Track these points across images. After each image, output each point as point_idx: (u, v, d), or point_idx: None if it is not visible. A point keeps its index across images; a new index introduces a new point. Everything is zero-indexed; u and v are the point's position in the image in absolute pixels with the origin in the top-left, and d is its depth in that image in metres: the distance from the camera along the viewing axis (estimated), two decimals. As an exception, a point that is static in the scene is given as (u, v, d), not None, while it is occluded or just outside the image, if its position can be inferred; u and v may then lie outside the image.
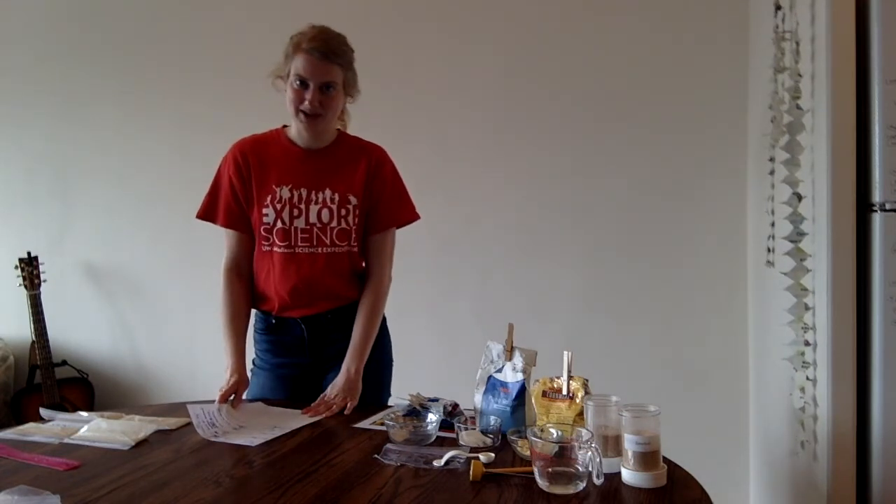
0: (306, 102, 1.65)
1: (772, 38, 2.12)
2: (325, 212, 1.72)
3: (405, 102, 2.82)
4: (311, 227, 1.72)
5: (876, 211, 1.72)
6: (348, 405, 1.67)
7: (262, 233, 1.74)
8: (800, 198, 1.93)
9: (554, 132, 2.71)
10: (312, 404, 1.68)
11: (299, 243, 1.72)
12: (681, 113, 2.59)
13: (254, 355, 1.88)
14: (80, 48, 3.25)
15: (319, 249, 1.73)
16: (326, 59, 1.64)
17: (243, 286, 1.80)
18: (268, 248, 1.74)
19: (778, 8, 2.08)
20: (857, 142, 1.74)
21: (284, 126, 1.81)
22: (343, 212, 1.73)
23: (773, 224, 2.13)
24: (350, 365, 1.72)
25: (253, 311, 1.85)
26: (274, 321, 1.80)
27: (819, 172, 1.79)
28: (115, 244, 3.23)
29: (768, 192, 2.17)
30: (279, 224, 1.71)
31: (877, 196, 1.72)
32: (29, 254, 3.10)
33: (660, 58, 2.60)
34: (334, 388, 1.71)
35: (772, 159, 2.14)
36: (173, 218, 3.12)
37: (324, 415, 1.63)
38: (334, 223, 1.72)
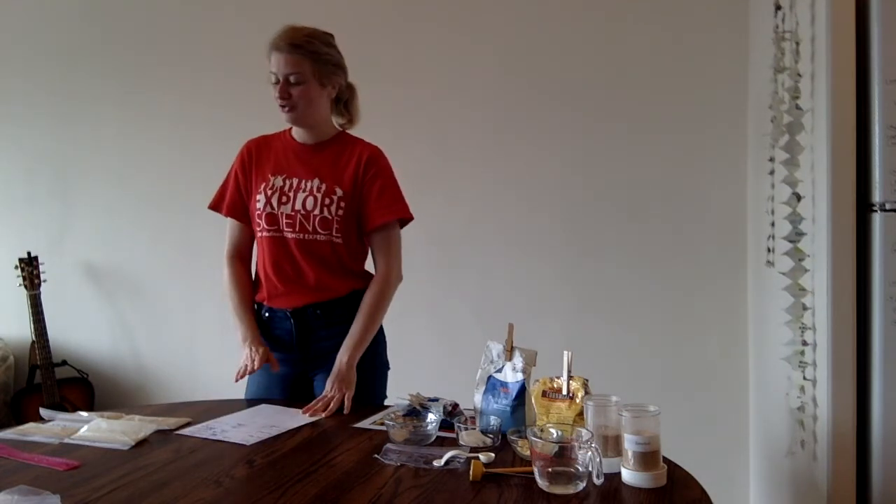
0: (277, 96, 1.75)
1: (772, 38, 2.12)
2: (309, 200, 1.78)
3: (405, 102, 2.82)
4: (296, 213, 1.78)
5: (876, 211, 1.72)
6: (346, 400, 1.68)
7: (256, 219, 1.83)
8: (799, 198, 1.93)
9: (554, 132, 2.71)
10: (311, 403, 1.69)
11: (284, 228, 1.79)
12: (681, 113, 2.59)
13: None
14: (81, 48, 3.24)
15: (302, 235, 1.79)
16: (291, 51, 1.71)
17: (246, 270, 1.91)
18: (261, 234, 1.83)
19: (778, 8, 2.08)
20: (857, 142, 1.74)
21: (290, 128, 1.88)
22: (327, 201, 1.78)
23: (772, 224, 2.13)
24: (342, 356, 1.75)
25: None
26: (266, 314, 1.85)
27: (819, 172, 1.79)
28: (115, 244, 3.23)
29: (768, 192, 2.17)
30: (268, 209, 1.79)
31: (877, 196, 1.72)
32: (29, 254, 3.10)
33: (660, 57, 2.60)
34: (328, 382, 1.73)
35: (772, 159, 2.14)
36: (173, 218, 3.12)
37: (323, 414, 1.64)
38: (317, 211, 1.78)
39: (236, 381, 1.74)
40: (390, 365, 1.91)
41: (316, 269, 1.79)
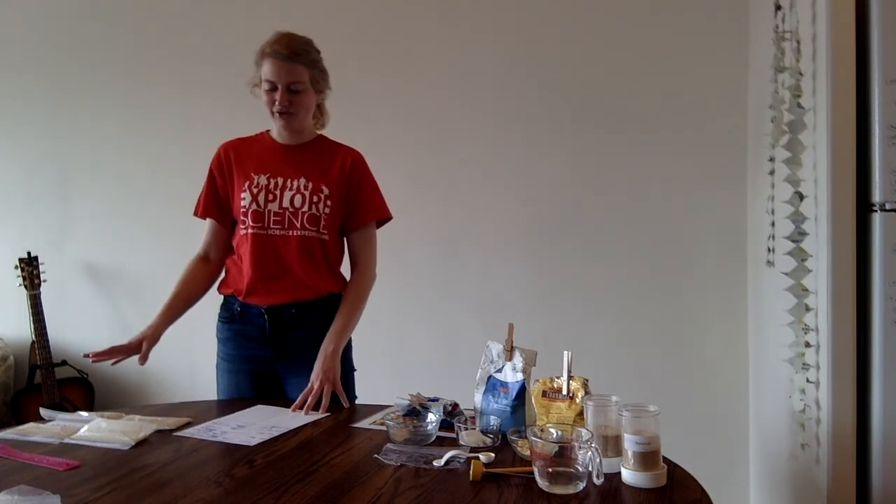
0: (277, 104, 1.76)
1: (772, 37, 2.12)
2: (297, 197, 1.81)
3: (406, 102, 2.82)
4: (284, 210, 1.80)
5: (876, 211, 1.72)
6: (339, 394, 1.72)
7: (241, 217, 1.83)
8: (802, 197, 1.93)
9: (554, 132, 2.71)
10: (297, 401, 1.70)
11: (272, 225, 1.81)
12: (680, 112, 2.59)
13: (217, 349, 1.94)
14: (81, 47, 3.24)
15: (290, 232, 1.81)
16: (289, 59, 1.73)
17: (204, 274, 1.93)
18: (245, 231, 1.82)
19: (778, 8, 2.07)
20: (857, 142, 1.74)
21: (267, 130, 1.91)
22: (315, 199, 1.81)
23: (773, 224, 2.13)
24: (328, 345, 1.78)
25: (221, 302, 1.94)
26: (238, 308, 1.86)
27: (819, 172, 1.79)
28: (115, 244, 3.23)
29: (768, 192, 2.16)
30: (254, 206, 1.80)
31: (877, 196, 1.72)
32: (29, 254, 3.10)
33: (659, 57, 2.60)
34: (314, 373, 1.75)
35: (772, 159, 2.14)
36: (173, 218, 3.11)
37: (319, 410, 1.66)
38: (305, 208, 1.80)
39: (90, 357, 1.82)
40: (384, 364, 1.92)
41: (303, 266, 1.81)
